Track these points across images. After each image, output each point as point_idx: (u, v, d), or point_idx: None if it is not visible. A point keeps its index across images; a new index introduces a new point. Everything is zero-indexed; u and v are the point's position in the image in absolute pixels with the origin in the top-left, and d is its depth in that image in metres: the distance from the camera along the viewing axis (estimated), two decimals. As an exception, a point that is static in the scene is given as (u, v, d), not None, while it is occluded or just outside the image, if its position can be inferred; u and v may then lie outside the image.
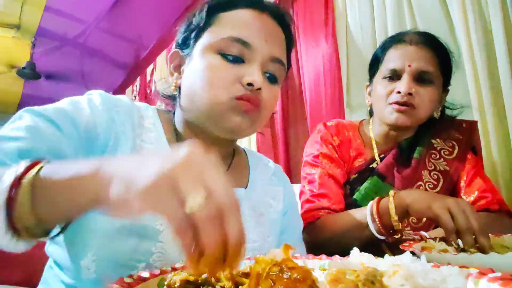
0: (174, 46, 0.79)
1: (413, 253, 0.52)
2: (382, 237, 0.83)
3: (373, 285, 0.32)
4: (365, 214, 0.84)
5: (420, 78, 0.99)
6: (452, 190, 1.04)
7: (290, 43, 0.77)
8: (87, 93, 0.67)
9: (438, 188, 1.02)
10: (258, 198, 0.80)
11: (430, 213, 0.72)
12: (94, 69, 4.28)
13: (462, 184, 1.04)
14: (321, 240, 0.93)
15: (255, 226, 0.75)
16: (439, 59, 1.02)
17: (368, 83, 1.17)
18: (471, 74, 1.21)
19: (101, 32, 3.52)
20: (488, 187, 1.01)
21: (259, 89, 0.66)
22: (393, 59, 1.02)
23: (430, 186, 1.03)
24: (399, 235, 0.93)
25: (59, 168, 0.42)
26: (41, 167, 0.41)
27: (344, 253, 1.05)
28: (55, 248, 0.64)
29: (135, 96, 4.23)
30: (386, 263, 0.37)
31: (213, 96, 0.65)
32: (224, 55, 0.67)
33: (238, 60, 0.67)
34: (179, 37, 0.76)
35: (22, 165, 0.41)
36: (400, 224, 0.79)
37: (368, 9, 1.68)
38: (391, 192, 0.82)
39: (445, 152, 1.08)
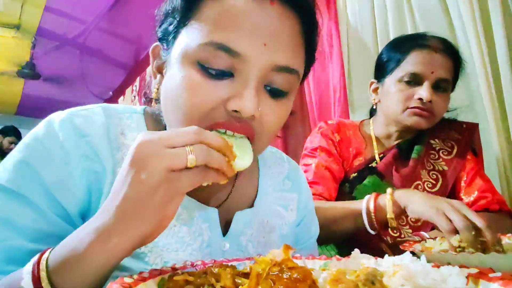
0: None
1: (413, 253, 0.52)
2: (372, 232, 0.85)
3: (373, 285, 0.32)
4: (360, 206, 0.85)
5: (438, 86, 1.00)
6: (451, 189, 1.04)
7: (311, 32, 0.56)
8: (46, 124, 0.54)
9: (437, 188, 1.03)
10: (267, 211, 0.70)
11: (426, 217, 0.74)
12: (94, 69, 4.28)
13: (462, 184, 1.04)
14: None
15: (263, 248, 0.65)
16: (455, 67, 1.03)
17: (373, 81, 1.15)
18: (483, 73, 1.20)
19: (101, 32, 3.53)
20: (488, 187, 1.01)
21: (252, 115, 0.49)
22: (416, 64, 1.00)
23: (428, 185, 1.03)
24: (393, 233, 0.93)
25: (61, 248, 0.41)
26: (48, 257, 0.41)
27: (328, 242, 1.05)
28: None
29: (134, 96, 4.23)
30: (386, 263, 0.37)
31: (182, 125, 0.50)
32: (205, 69, 0.49)
33: (224, 75, 0.49)
34: (157, 28, 0.58)
35: (27, 267, 0.41)
36: (395, 221, 0.81)
37: (369, 8, 1.69)
38: (389, 190, 0.83)
39: (444, 153, 1.08)
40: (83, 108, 0.57)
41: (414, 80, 1.00)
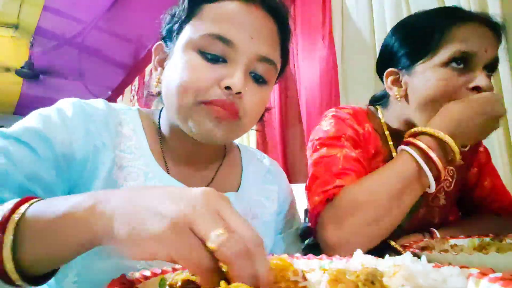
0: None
1: (414, 253, 0.52)
2: (434, 185, 0.70)
3: (373, 285, 0.32)
4: (406, 159, 0.70)
5: (490, 69, 0.78)
6: (462, 185, 0.99)
7: (285, 36, 0.69)
8: (57, 103, 0.62)
9: (452, 186, 0.96)
10: (250, 200, 0.76)
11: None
12: (92, 68, 4.27)
13: (475, 180, 1.01)
14: (348, 220, 0.70)
15: None
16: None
17: (392, 70, 0.85)
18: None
19: (99, 32, 3.52)
20: (499, 186, 1.00)
21: (239, 93, 0.59)
22: (465, 40, 0.74)
23: (447, 185, 0.94)
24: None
25: (49, 205, 0.37)
26: (30, 205, 0.37)
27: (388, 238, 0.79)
28: None
29: (133, 96, 4.22)
30: (386, 264, 0.37)
31: (181, 98, 0.59)
32: (203, 54, 0.60)
33: (219, 59, 0.60)
34: (163, 28, 0.69)
35: (8, 205, 0.37)
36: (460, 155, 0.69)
37: (367, 9, 1.69)
38: (430, 127, 0.71)
39: None
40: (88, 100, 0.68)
41: (465, 62, 0.75)
